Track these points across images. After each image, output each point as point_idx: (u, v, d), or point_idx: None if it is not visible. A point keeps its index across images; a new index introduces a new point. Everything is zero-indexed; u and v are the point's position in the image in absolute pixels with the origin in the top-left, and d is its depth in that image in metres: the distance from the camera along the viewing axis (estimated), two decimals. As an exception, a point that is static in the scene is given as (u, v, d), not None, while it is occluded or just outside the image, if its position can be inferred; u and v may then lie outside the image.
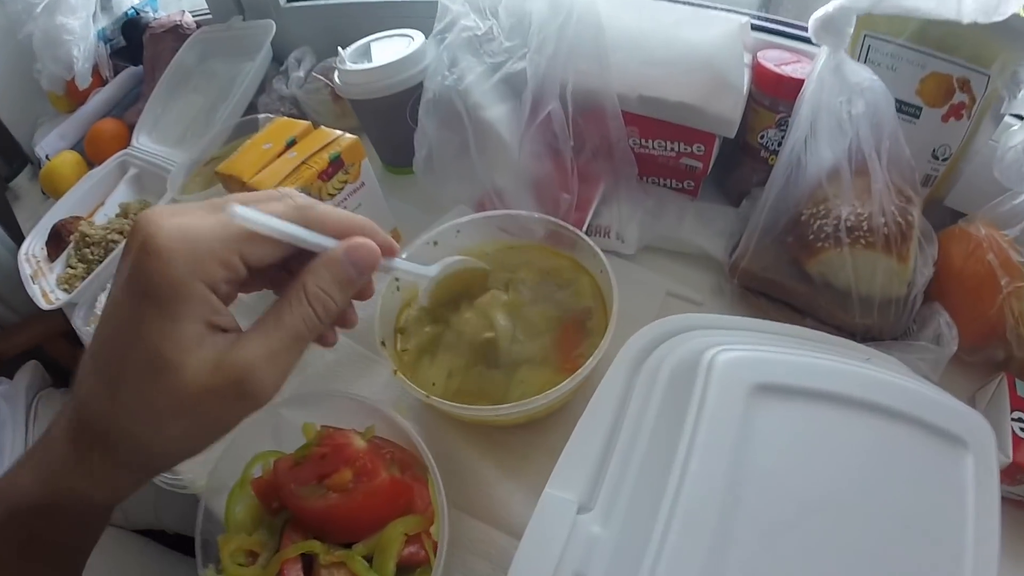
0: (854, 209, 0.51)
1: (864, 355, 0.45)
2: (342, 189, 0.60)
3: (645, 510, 0.32)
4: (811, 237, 0.52)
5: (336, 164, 0.59)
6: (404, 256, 0.54)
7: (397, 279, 0.53)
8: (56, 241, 0.86)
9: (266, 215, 0.28)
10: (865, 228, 0.50)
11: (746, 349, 0.37)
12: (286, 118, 0.69)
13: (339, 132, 0.61)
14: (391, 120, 0.73)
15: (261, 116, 0.82)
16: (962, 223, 0.54)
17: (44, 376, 1.05)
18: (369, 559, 0.41)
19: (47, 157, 1.02)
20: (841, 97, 0.49)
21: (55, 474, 0.29)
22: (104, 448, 0.28)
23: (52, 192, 0.98)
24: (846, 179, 0.51)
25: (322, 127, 0.63)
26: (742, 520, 0.31)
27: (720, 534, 0.30)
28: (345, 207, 0.61)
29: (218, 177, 0.63)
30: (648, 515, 0.31)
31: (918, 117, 0.55)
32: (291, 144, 0.61)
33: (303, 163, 0.59)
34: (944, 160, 0.56)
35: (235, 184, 0.60)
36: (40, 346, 1.06)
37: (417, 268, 0.42)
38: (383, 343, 0.48)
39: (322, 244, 0.30)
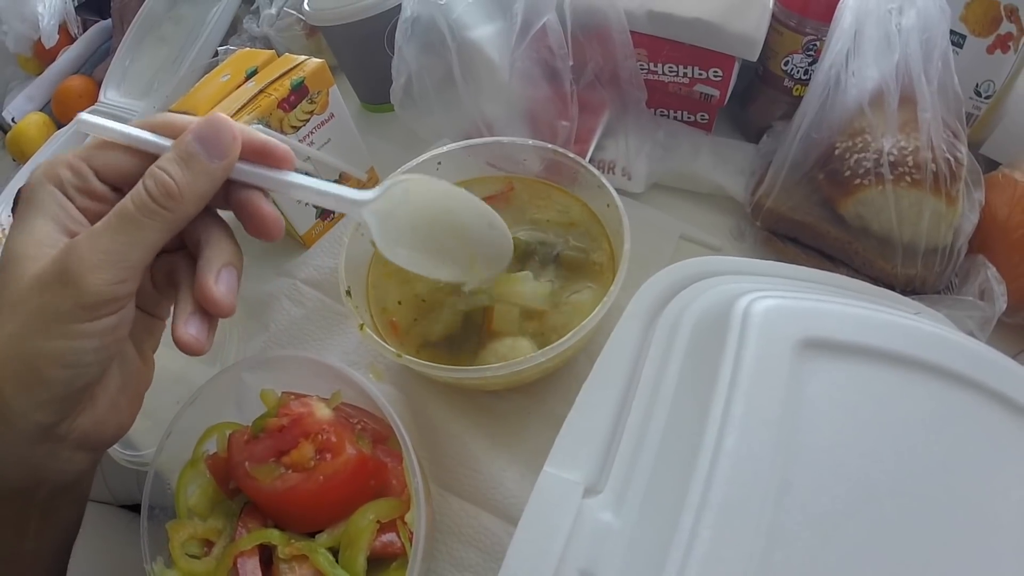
0: (897, 142, 0.45)
1: (912, 309, 0.39)
2: (307, 121, 0.52)
3: (669, 496, 0.26)
4: (847, 173, 0.45)
5: (299, 91, 0.51)
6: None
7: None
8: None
9: (108, 120, 0.30)
10: (910, 164, 0.44)
11: (787, 297, 0.30)
12: (248, 49, 0.61)
13: (303, 57, 0.53)
14: (367, 49, 0.65)
15: (221, 48, 0.73)
16: (1005, 168, 0.49)
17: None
18: (338, 550, 0.35)
19: (13, 120, 0.97)
20: (891, 4, 0.42)
21: None
22: None
23: (19, 156, 0.93)
24: (891, 105, 0.44)
25: (287, 54, 0.55)
26: (792, 510, 0.25)
27: (767, 528, 0.24)
28: (311, 143, 0.53)
29: (171, 116, 0.55)
30: (673, 502, 0.25)
31: (961, 46, 0.50)
32: (252, 75, 0.54)
33: (261, 92, 0.51)
34: (987, 98, 0.51)
35: (188, 121, 0.53)
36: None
37: (328, 186, 0.32)
38: (348, 293, 0.41)
39: (163, 145, 0.29)
